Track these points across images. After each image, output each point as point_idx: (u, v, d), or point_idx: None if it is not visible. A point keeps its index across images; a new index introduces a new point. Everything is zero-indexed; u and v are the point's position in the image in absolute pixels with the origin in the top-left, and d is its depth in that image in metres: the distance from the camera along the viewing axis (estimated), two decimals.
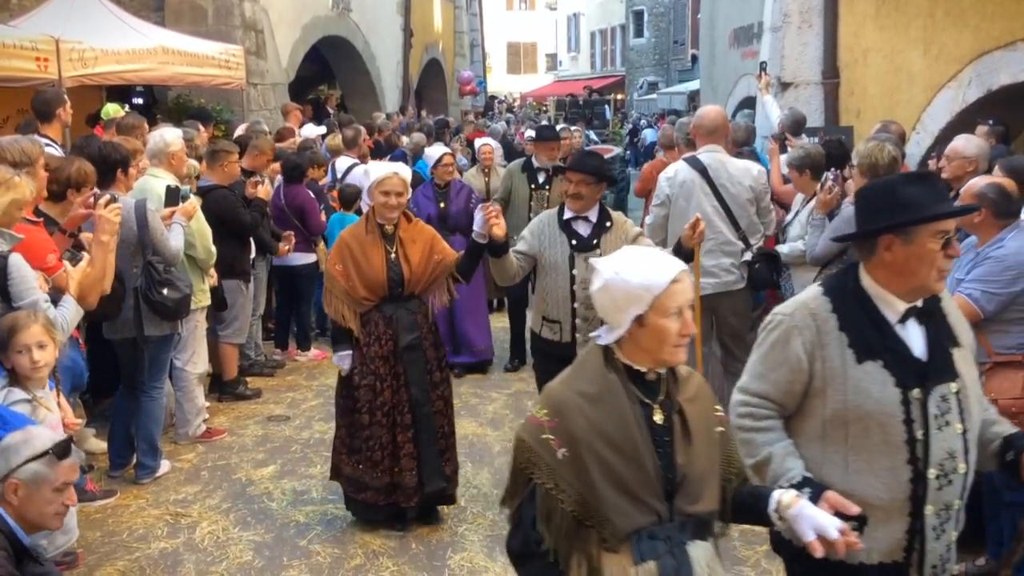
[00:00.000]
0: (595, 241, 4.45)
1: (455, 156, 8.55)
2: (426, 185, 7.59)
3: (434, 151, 7.76)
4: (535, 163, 7.38)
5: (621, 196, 13.95)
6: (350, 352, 4.55)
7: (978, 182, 4.08)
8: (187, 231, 5.42)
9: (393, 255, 4.50)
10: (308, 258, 7.65)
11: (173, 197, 5.37)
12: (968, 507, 2.55)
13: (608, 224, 4.51)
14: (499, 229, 4.18)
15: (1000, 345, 3.85)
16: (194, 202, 5.52)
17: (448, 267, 4.59)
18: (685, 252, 4.36)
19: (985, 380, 3.86)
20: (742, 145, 7.26)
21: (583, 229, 4.48)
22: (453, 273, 4.62)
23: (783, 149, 6.84)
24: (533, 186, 7.27)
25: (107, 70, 8.44)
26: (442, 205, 7.37)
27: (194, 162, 6.23)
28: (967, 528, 4.32)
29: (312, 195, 7.65)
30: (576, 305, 4.42)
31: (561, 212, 4.54)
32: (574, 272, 4.40)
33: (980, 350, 3.88)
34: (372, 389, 4.51)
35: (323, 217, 7.70)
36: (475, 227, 4.29)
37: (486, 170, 8.80)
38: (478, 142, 9.38)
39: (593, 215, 4.50)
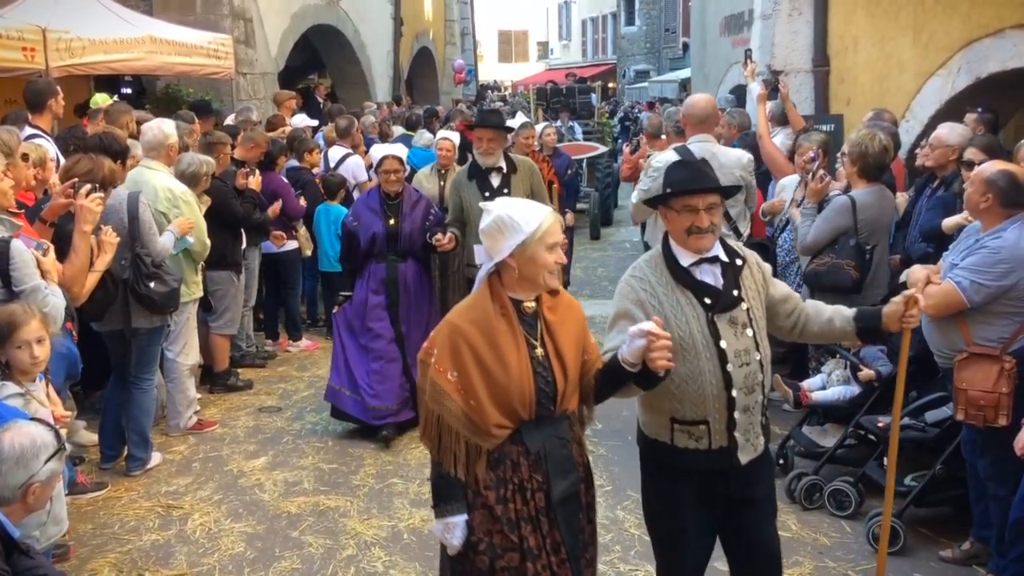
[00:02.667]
0: (735, 292, 2.98)
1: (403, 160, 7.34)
2: (370, 194, 6.02)
3: (376, 151, 6.13)
4: (481, 162, 5.81)
5: (606, 193, 13.31)
6: (464, 518, 2.75)
7: (989, 167, 3.92)
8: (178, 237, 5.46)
9: (539, 350, 2.77)
10: (290, 244, 7.65)
11: None
12: (955, 495, 2.50)
13: (740, 262, 3.03)
14: (664, 360, 2.60)
15: (981, 336, 3.82)
16: (187, 220, 5.51)
17: (592, 376, 2.91)
18: (882, 333, 3.17)
19: (958, 370, 3.85)
20: (745, 129, 7.25)
21: (710, 276, 2.97)
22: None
23: (772, 96, 6.85)
24: (487, 194, 5.61)
25: (95, 60, 8.38)
26: (392, 222, 5.77)
27: (210, 159, 6.19)
28: (953, 513, 4.37)
29: (285, 181, 7.61)
30: (735, 393, 2.92)
31: (670, 258, 2.98)
32: (722, 344, 2.91)
33: (959, 339, 3.89)
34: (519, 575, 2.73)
35: (302, 201, 7.67)
36: (624, 350, 2.66)
37: (442, 171, 7.38)
38: (437, 136, 8.01)
39: (718, 249, 2.99)
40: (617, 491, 4.97)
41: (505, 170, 5.83)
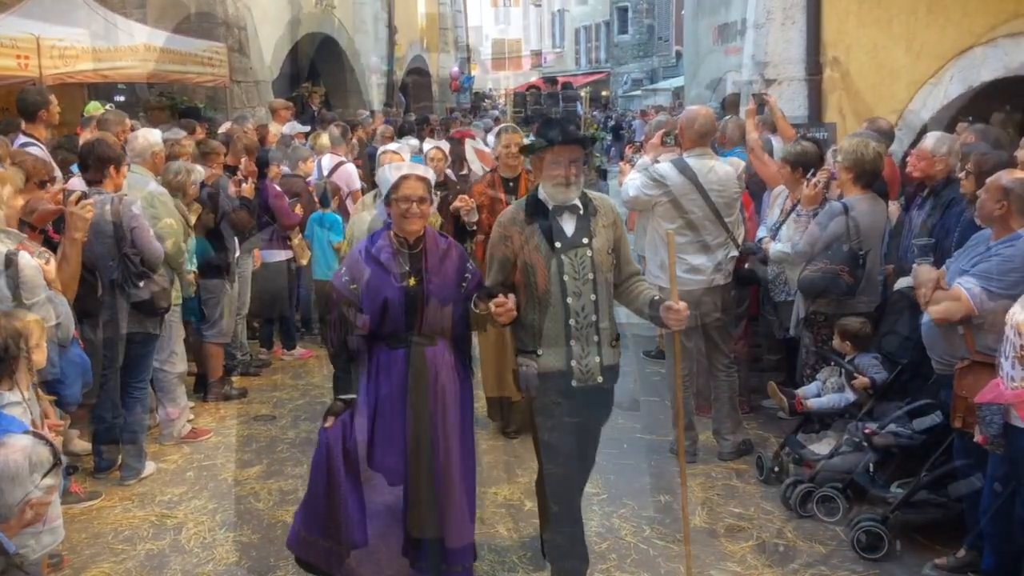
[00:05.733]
0: None
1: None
2: (375, 239, 3.81)
3: (389, 172, 3.82)
4: (554, 197, 3.71)
5: None
6: None
7: (1004, 175, 3.84)
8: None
9: None
10: (284, 254, 7.61)
11: None
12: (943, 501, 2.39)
13: None
14: None
15: (983, 344, 3.79)
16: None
17: None
18: None
19: (958, 377, 3.83)
20: (738, 143, 7.29)
21: None
22: None
23: (761, 111, 6.88)
24: (558, 244, 3.66)
25: (88, 68, 8.40)
26: (412, 282, 3.70)
27: (200, 168, 6.19)
28: (946, 520, 4.37)
29: (279, 190, 7.59)
30: None
31: None
32: None
33: (962, 346, 3.89)
34: None
35: (298, 210, 7.64)
36: None
37: None
38: (380, 151, 6.31)
39: None
40: (613, 499, 4.96)
41: (582, 210, 3.75)
